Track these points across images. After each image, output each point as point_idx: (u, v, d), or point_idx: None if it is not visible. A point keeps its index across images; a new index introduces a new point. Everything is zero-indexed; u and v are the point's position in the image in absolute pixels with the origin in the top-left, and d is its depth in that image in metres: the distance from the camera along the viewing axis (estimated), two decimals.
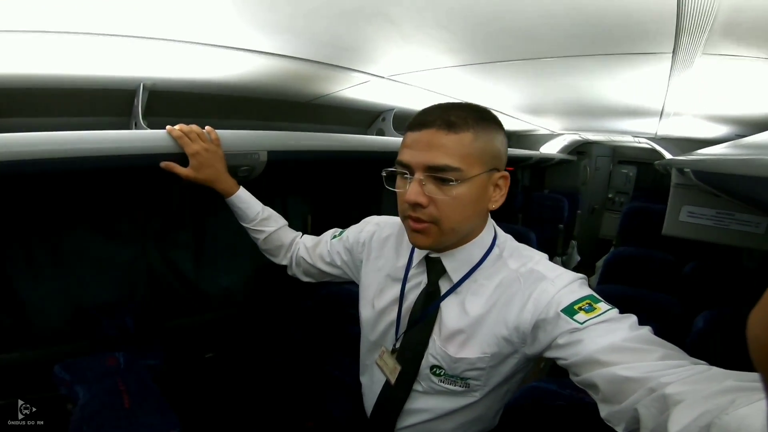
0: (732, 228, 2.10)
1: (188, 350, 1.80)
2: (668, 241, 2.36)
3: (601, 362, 0.59)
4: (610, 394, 0.57)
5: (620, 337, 0.61)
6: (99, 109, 1.15)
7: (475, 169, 0.70)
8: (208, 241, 1.87)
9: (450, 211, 0.71)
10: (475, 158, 0.70)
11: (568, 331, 0.65)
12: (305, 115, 1.72)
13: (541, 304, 0.70)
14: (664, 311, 1.75)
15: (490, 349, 0.75)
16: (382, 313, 0.89)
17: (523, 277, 0.75)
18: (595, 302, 0.68)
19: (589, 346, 0.62)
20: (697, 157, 1.38)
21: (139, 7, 0.70)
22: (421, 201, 0.70)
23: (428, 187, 0.70)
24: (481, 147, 0.71)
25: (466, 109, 0.72)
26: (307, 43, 0.96)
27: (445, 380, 0.80)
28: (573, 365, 0.64)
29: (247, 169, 1.33)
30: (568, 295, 0.69)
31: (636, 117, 2.07)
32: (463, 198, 0.71)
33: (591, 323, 0.64)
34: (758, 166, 0.67)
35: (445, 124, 0.69)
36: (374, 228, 0.98)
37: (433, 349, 0.79)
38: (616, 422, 0.57)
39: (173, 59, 0.99)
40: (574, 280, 0.73)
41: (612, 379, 0.57)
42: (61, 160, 0.86)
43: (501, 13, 0.77)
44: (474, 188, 0.71)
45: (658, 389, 0.50)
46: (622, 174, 5.90)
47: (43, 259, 1.44)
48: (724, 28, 0.71)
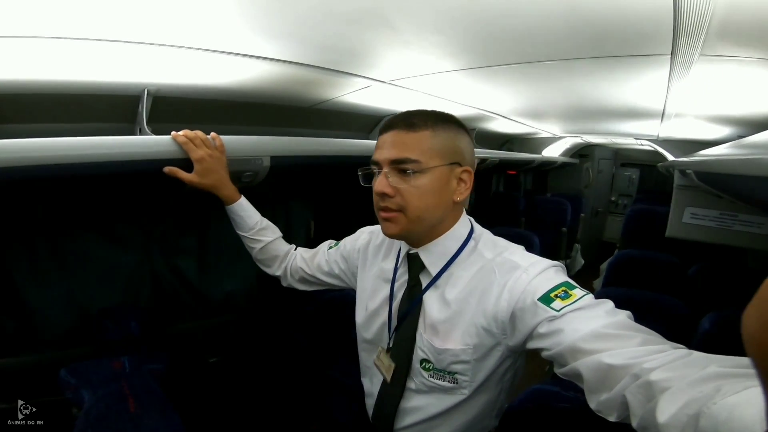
0: (735, 229, 2.09)
1: (192, 355, 1.80)
2: (672, 243, 2.35)
3: (584, 350, 0.61)
4: (597, 382, 0.58)
5: (600, 324, 0.62)
6: (104, 115, 1.17)
7: (434, 161, 0.78)
8: (212, 246, 1.88)
9: (413, 199, 0.78)
10: (434, 152, 0.78)
11: (547, 320, 0.67)
12: (308, 120, 1.73)
13: (516, 292, 0.73)
14: (670, 313, 1.74)
15: (471, 340, 0.78)
16: (374, 314, 0.94)
17: (498, 267, 0.78)
18: (571, 288, 0.70)
19: (571, 335, 0.63)
20: (700, 158, 1.38)
21: (143, 14, 0.72)
22: (387, 191, 0.79)
23: (393, 179, 0.79)
24: (439, 143, 0.79)
25: (427, 114, 0.81)
26: (309, 48, 0.97)
27: (434, 375, 0.83)
28: (557, 355, 0.65)
29: (251, 174, 1.34)
30: (544, 283, 0.72)
31: (637, 119, 2.07)
32: (424, 187, 0.78)
33: (568, 310, 0.66)
34: (760, 166, 0.68)
35: (406, 125, 0.79)
36: (368, 236, 1.04)
37: (421, 342, 0.84)
38: (607, 412, 0.57)
39: (177, 65, 1.00)
40: (548, 267, 0.75)
41: (596, 367, 0.58)
42: (66, 166, 0.87)
43: (500, 17, 0.78)
44: (434, 179, 0.79)
45: (643, 375, 0.51)
46: (624, 176, 5.89)
47: (48, 264, 1.45)
48: (720, 29, 0.72)
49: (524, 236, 2.76)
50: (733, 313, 1.54)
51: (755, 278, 1.71)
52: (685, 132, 2.40)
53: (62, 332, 1.49)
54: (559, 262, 0.78)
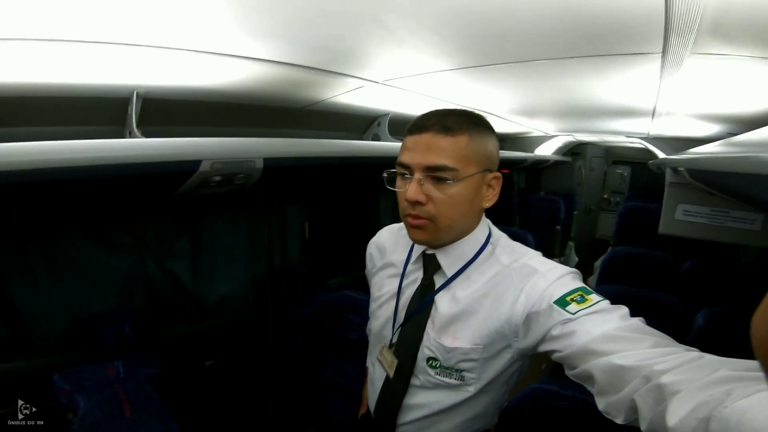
0: (727, 225, 2.11)
1: (188, 358, 1.79)
2: (666, 240, 2.37)
3: (596, 352, 0.60)
4: (607, 384, 0.58)
5: (613, 327, 0.62)
6: (92, 117, 1.15)
7: (470, 170, 0.75)
8: (205, 249, 1.87)
9: (446, 209, 0.76)
10: (470, 159, 0.75)
11: (561, 322, 0.67)
12: (300, 121, 1.73)
13: (534, 297, 0.72)
14: (664, 310, 1.75)
15: (482, 340, 0.78)
16: (380, 308, 0.93)
17: (515, 272, 0.77)
18: (587, 294, 0.70)
19: (583, 336, 0.63)
20: (691, 156, 1.39)
21: (132, 14, 0.71)
22: (421, 199, 0.75)
23: (426, 186, 0.75)
24: (475, 149, 0.76)
25: (461, 115, 0.77)
26: (301, 49, 0.97)
27: (441, 372, 0.82)
28: (568, 357, 0.65)
29: (243, 176, 1.33)
30: (560, 288, 0.71)
31: (628, 117, 2.09)
32: (459, 196, 0.76)
33: (583, 314, 0.66)
34: (751, 164, 0.68)
35: (442, 128, 0.74)
36: (374, 245, 1.02)
37: (428, 341, 0.83)
38: (614, 414, 0.57)
39: (166, 67, 0.99)
40: (566, 274, 0.75)
41: (607, 368, 0.58)
42: (55, 170, 0.86)
43: (493, 17, 0.78)
44: (469, 187, 0.76)
45: (653, 378, 0.51)
46: (616, 174, 5.93)
47: (39, 269, 1.44)
48: (711, 28, 0.72)
49: (519, 235, 2.76)
50: (727, 310, 1.55)
51: (747, 274, 1.72)
52: (675, 130, 2.42)
53: (55, 338, 1.48)
54: (575, 270, 0.77)
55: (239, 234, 1.98)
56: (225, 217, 1.92)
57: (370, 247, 1.02)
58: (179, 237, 1.80)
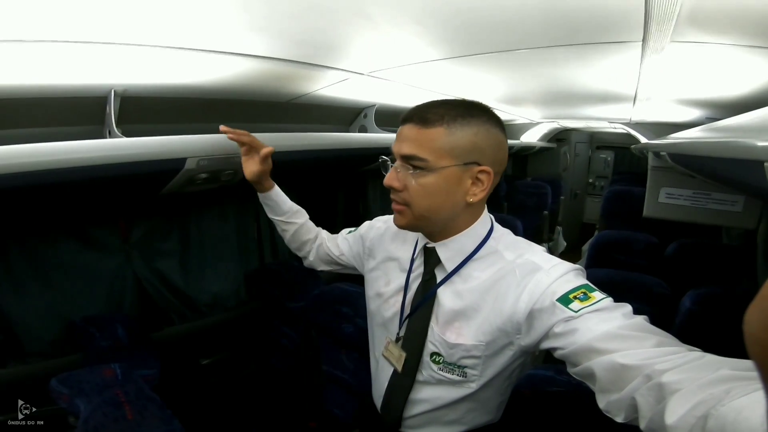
0: (710, 207, 2.16)
1: (184, 358, 1.78)
2: (651, 223, 2.41)
3: (598, 350, 0.60)
4: (608, 382, 0.58)
5: (616, 325, 0.62)
6: (69, 118, 1.12)
7: (444, 162, 0.75)
8: (194, 248, 1.84)
9: (418, 197, 0.78)
10: (445, 151, 0.75)
11: (564, 320, 0.67)
12: (286, 115, 1.70)
13: (536, 293, 0.72)
14: (651, 292, 1.77)
15: (485, 337, 0.78)
16: (387, 302, 0.93)
17: (518, 268, 0.77)
18: (590, 291, 0.70)
19: (586, 334, 0.63)
20: (673, 140, 1.41)
21: (106, 12, 0.69)
22: (394, 185, 0.79)
23: (402, 174, 0.78)
24: (453, 141, 0.75)
25: (445, 107, 0.76)
26: (284, 42, 0.95)
27: (443, 368, 0.83)
28: (570, 354, 0.65)
29: (231, 173, 1.31)
30: (564, 285, 0.71)
31: (610, 103, 2.11)
32: (430, 187, 0.76)
33: (585, 311, 0.66)
34: (731, 149, 0.70)
35: (420, 120, 0.76)
36: (384, 225, 1.03)
37: (432, 336, 0.84)
38: (615, 412, 0.57)
39: (144, 64, 0.96)
40: (570, 271, 0.74)
41: (610, 367, 0.58)
42: (35, 173, 0.83)
43: (477, 7, 0.78)
44: (442, 179, 0.76)
45: (655, 377, 0.51)
46: (600, 159, 6.02)
47: (26, 274, 1.41)
48: (690, 16, 0.73)
49: (507, 221, 2.79)
50: (712, 291, 1.58)
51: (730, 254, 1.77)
52: (656, 115, 2.45)
53: (47, 343, 1.46)
54: (579, 267, 0.77)
55: (228, 230, 1.96)
56: (213, 214, 1.90)
57: (381, 222, 1.04)
58: (167, 235, 1.77)
